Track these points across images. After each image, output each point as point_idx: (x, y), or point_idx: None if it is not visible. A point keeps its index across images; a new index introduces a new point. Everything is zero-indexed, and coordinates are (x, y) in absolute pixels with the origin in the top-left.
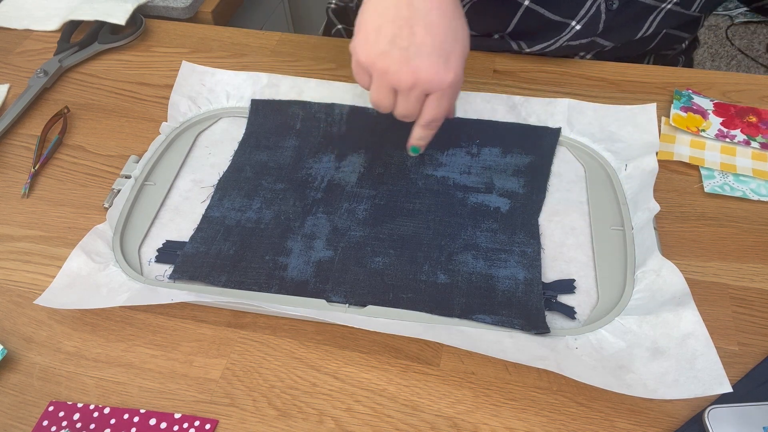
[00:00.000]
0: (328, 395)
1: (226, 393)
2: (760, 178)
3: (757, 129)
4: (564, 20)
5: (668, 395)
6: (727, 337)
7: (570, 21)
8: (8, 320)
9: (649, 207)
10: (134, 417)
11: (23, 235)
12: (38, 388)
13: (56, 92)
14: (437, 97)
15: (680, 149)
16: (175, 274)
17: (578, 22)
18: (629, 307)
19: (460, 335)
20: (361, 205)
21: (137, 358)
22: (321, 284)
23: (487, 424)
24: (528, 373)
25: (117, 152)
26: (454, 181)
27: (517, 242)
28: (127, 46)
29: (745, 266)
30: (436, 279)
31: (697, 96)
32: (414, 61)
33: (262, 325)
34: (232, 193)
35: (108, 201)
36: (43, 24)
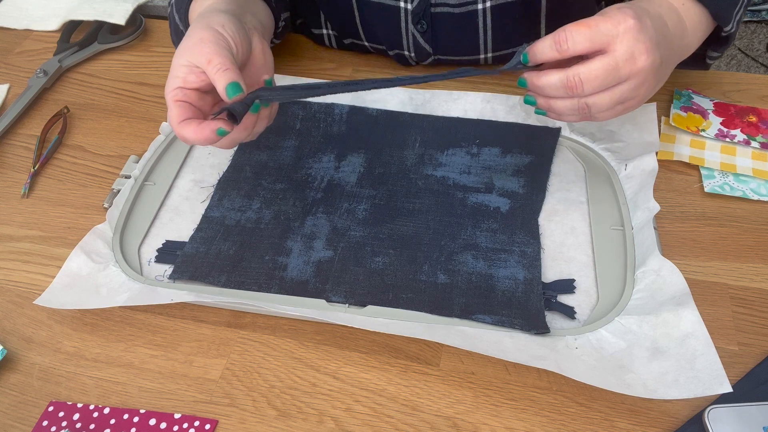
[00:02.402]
0: (327, 395)
1: (226, 393)
2: (760, 177)
3: (757, 129)
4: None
5: (668, 395)
6: (727, 337)
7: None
8: (8, 320)
9: (648, 207)
10: (134, 417)
11: (23, 235)
12: (38, 388)
13: (56, 92)
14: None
15: (680, 149)
16: (174, 274)
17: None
18: (629, 307)
19: (460, 335)
20: (361, 205)
21: (137, 358)
22: (321, 284)
23: (487, 424)
24: (528, 373)
25: (117, 152)
26: (454, 181)
27: (517, 242)
28: (127, 46)
29: (745, 266)
30: (436, 279)
31: (697, 96)
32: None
33: (261, 325)
34: (232, 193)
35: (108, 201)
36: (43, 24)
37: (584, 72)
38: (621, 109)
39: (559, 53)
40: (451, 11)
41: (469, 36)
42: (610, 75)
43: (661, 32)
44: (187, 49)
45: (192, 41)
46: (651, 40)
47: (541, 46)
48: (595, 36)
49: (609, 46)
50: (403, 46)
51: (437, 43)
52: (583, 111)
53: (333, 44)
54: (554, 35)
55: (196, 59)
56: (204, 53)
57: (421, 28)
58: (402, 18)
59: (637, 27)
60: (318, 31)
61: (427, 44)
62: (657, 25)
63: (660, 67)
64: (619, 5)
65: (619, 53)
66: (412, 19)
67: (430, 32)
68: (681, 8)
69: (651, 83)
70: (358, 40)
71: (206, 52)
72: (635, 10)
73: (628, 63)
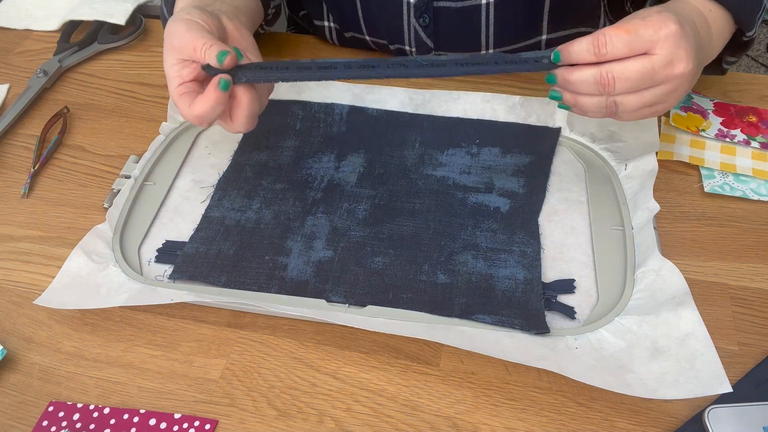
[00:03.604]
0: (327, 395)
1: (226, 393)
2: (760, 177)
3: (757, 129)
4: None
5: (668, 395)
6: (727, 337)
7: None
8: (8, 320)
9: (648, 207)
10: (134, 417)
11: (23, 235)
12: (38, 388)
13: (56, 92)
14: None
15: (680, 149)
16: (174, 274)
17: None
18: (629, 307)
19: (460, 335)
20: (361, 205)
21: (137, 358)
22: (321, 284)
23: (487, 424)
24: (528, 373)
25: (117, 152)
26: (454, 181)
27: (516, 242)
28: (127, 46)
29: (745, 266)
30: (436, 279)
31: (697, 95)
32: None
33: (261, 325)
34: (232, 193)
35: (108, 201)
36: (43, 24)
37: (618, 71)
38: (648, 112)
39: (596, 57)
40: (454, 5)
41: (471, 31)
42: (645, 78)
43: (697, 38)
44: (169, 46)
45: (169, 39)
46: (691, 46)
47: (578, 47)
48: (636, 42)
49: (649, 51)
50: (404, 41)
51: (438, 38)
52: (610, 109)
53: (334, 38)
54: (593, 38)
55: (180, 52)
56: (184, 43)
57: (423, 22)
58: (404, 11)
59: (679, 33)
60: (320, 23)
61: (428, 39)
62: (694, 31)
63: (693, 74)
64: (659, 8)
65: (658, 58)
66: (414, 13)
67: (432, 26)
68: (708, 14)
69: (683, 90)
70: (359, 33)
71: (185, 41)
72: (676, 15)
73: (666, 68)
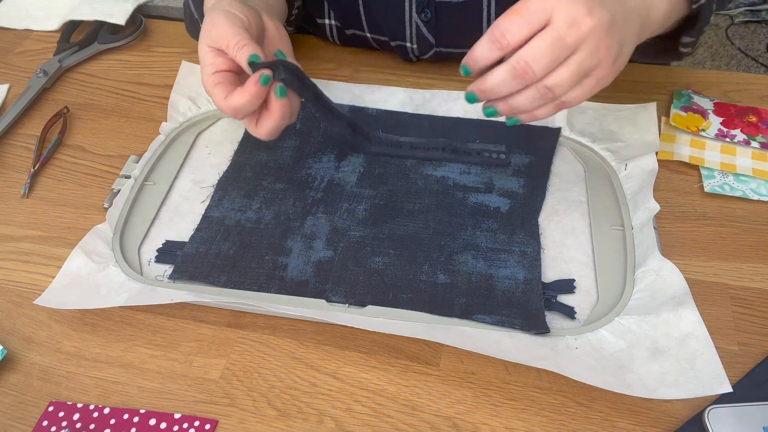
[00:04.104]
0: (327, 395)
1: (226, 393)
2: (760, 177)
3: (757, 129)
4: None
5: (668, 395)
6: (727, 337)
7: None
8: (8, 320)
9: (648, 207)
10: (134, 417)
11: (23, 235)
12: (38, 388)
13: (56, 92)
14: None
15: (680, 149)
16: (174, 274)
17: None
18: (629, 307)
19: (460, 335)
20: (361, 205)
21: (137, 358)
22: (321, 284)
23: (487, 424)
24: (528, 373)
25: (117, 152)
26: (454, 181)
27: (516, 242)
28: (127, 46)
29: (745, 266)
30: (436, 279)
31: (697, 96)
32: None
33: (261, 325)
34: (232, 193)
35: (108, 201)
36: (43, 24)
37: (527, 54)
38: (591, 83)
39: (501, 50)
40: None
41: (472, 27)
42: (556, 48)
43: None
44: (206, 34)
45: (207, 27)
46: (610, 23)
47: (480, 50)
48: (531, 18)
49: (548, 22)
50: (405, 37)
51: (440, 33)
52: (547, 97)
53: (335, 36)
54: (489, 34)
55: (216, 42)
56: (221, 35)
57: (424, 17)
58: (406, 6)
59: (593, 22)
60: (321, 20)
61: (429, 34)
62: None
63: (613, 24)
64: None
65: (558, 23)
66: (416, 8)
67: (434, 21)
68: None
69: (608, 43)
70: (359, 31)
71: (222, 33)
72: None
73: (572, 30)
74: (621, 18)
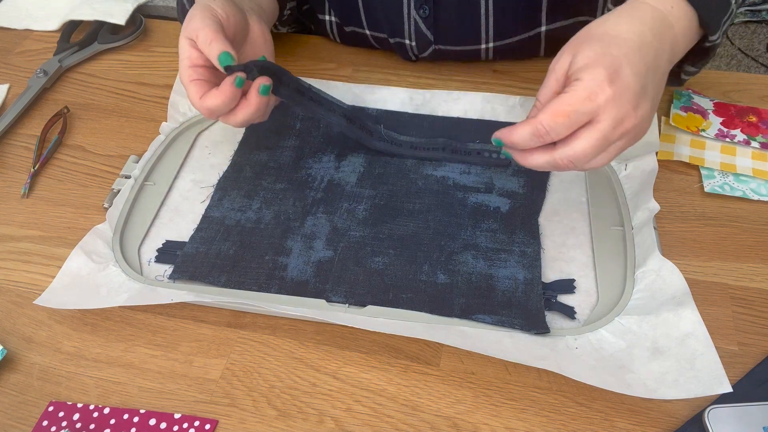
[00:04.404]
0: (327, 395)
1: (226, 393)
2: (760, 177)
3: (757, 129)
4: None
5: (668, 395)
6: (727, 337)
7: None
8: (8, 320)
9: (648, 207)
10: (134, 417)
11: (23, 235)
12: (38, 388)
13: (56, 92)
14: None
15: (680, 149)
16: (174, 274)
17: None
18: (629, 307)
19: (460, 335)
20: (361, 205)
21: (137, 358)
22: (321, 284)
23: (487, 424)
24: (528, 373)
25: (117, 152)
26: (454, 181)
27: (517, 242)
28: (127, 46)
29: (745, 266)
30: (436, 279)
31: (697, 96)
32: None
33: (261, 325)
34: (232, 193)
35: (108, 201)
36: (43, 24)
37: (572, 155)
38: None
39: (542, 142)
40: None
41: (470, 22)
42: (600, 147)
43: (646, 62)
44: (185, 26)
45: (187, 19)
46: (635, 94)
47: (520, 136)
48: (577, 119)
49: (593, 120)
50: (404, 34)
51: (438, 29)
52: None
53: (335, 32)
54: (533, 127)
55: (190, 33)
56: (193, 29)
57: (423, 14)
58: (404, 2)
59: (618, 93)
60: (322, 16)
61: (428, 30)
62: (640, 58)
63: (652, 109)
64: (589, 61)
65: (604, 125)
66: (415, 4)
67: (432, 18)
68: (670, 12)
69: (644, 127)
70: (359, 27)
71: (194, 27)
72: (610, 69)
73: (617, 129)
74: (657, 82)
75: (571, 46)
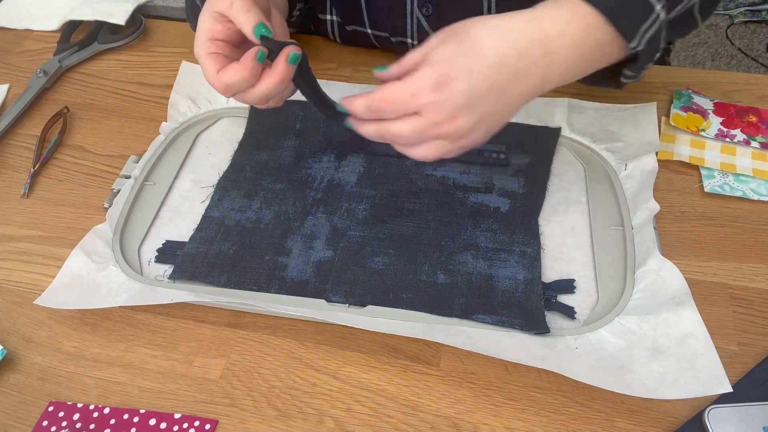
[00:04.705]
0: (327, 395)
1: (226, 393)
2: (760, 177)
3: (757, 129)
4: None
5: (668, 395)
6: (727, 337)
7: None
8: (8, 320)
9: (648, 207)
10: (134, 417)
11: (23, 235)
12: (38, 388)
13: (56, 92)
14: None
15: (680, 149)
16: (174, 274)
17: None
18: (629, 307)
19: (460, 335)
20: (361, 205)
21: (137, 358)
22: (321, 284)
23: (487, 424)
24: (528, 373)
25: (117, 152)
26: (454, 181)
27: (517, 242)
28: (127, 46)
29: (745, 266)
30: (436, 279)
31: (697, 96)
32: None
33: (261, 325)
34: (232, 193)
35: (108, 201)
36: (43, 24)
37: (394, 132)
38: (441, 152)
39: (374, 117)
40: None
41: None
42: (418, 136)
43: (491, 82)
44: (210, 3)
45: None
46: (457, 107)
47: (358, 106)
48: (403, 110)
49: (418, 113)
50: (406, 33)
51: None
52: (385, 138)
53: (336, 32)
54: (368, 102)
55: (218, 6)
56: (224, 0)
57: (425, 12)
58: (407, 1)
59: (439, 100)
60: (323, 16)
61: (431, 29)
62: (485, 78)
63: (480, 123)
64: (435, 59)
65: (423, 121)
66: (418, 3)
67: (435, 17)
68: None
69: (473, 136)
70: (360, 26)
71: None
72: (443, 78)
73: (434, 129)
74: (496, 112)
75: (441, 35)
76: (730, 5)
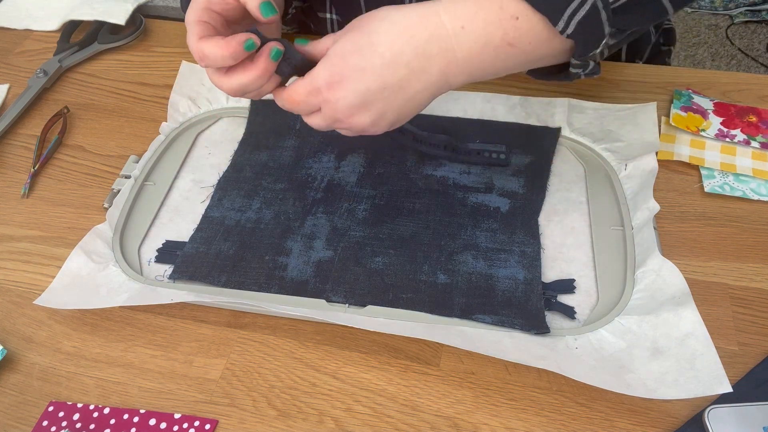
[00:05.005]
0: (327, 395)
1: (226, 393)
2: (760, 177)
3: (757, 129)
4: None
5: (668, 395)
6: (727, 337)
7: None
8: (8, 320)
9: (648, 207)
10: (134, 417)
11: (23, 235)
12: (38, 388)
13: (56, 92)
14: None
15: (680, 149)
16: (174, 274)
17: None
18: (629, 307)
19: (460, 335)
20: (361, 205)
21: (137, 358)
22: (321, 284)
23: (487, 424)
24: (528, 373)
25: (117, 152)
26: (454, 181)
27: (516, 242)
28: (127, 46)
29: (745, 266)
30: (436, 279)
31: (697, 96)
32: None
33: (261, 325)
34: (232, 193)
35: (108, 201)
36: (43, 24)
37: (311, 123)
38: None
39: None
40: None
41: None
42: (326, 125)
43: (385, 80)
44: None
45: None
46: (351, 106)
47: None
48: (308, 108)
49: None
50: None
51: None
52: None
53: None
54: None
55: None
56: None
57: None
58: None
59: (331, 99)
60: (322, 15)
61: None
62: (377, 76)
63: (378, 120)
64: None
65: (323, 116)
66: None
67: None
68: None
69: (371, 130)
70: None
71: None
72: (336, 77)
73: (335, 124)
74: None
75: (349, 25)
76: (730, 5)
